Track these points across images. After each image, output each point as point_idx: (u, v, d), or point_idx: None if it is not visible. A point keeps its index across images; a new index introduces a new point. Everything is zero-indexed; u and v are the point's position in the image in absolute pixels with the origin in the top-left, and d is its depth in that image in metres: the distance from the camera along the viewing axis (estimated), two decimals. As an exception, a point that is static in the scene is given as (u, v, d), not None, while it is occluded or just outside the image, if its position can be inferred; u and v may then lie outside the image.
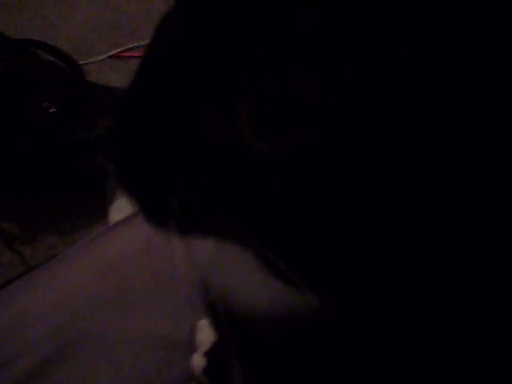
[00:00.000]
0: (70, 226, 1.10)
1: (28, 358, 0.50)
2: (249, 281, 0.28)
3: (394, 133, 0.23)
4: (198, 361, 0.52)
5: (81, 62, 1.31)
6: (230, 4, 0.23)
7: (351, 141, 0.23)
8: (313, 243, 0.24)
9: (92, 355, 0.52)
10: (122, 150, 0.26)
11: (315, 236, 0.24)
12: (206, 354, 0.51)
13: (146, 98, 0.25)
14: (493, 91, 0.22)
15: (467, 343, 0.25)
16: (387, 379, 0.27)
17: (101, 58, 1.39)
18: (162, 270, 0.57)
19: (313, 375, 0.29)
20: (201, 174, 0.25)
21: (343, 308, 0.25)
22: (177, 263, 0.29)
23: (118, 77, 1.36)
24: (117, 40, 1.44)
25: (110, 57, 1.39)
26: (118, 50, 1.40)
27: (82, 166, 1.10)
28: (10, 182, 1.06)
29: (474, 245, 0.24)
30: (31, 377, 0.50)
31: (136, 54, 1.41)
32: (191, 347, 0.53)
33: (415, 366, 0.26)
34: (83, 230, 1.10)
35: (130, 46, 1.42)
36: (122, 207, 1.13)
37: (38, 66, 1.17)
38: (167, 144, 0.25)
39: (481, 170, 0.23)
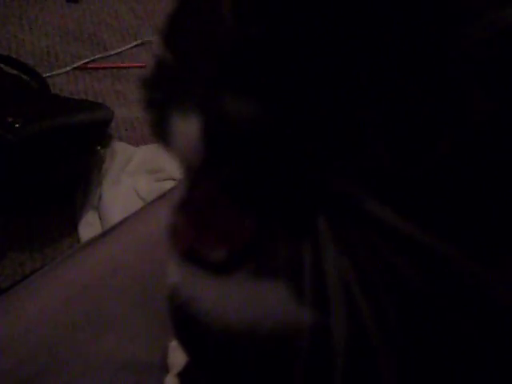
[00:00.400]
0: (39, 242, 1.09)
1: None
2: (223, 290, 0.27)
3: None
4: (171, 382, 0.52)
5: (45, 75, 1.29)
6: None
7: None
8: None
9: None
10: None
11: None
12: (179, 375, 0.51)
13: None
14: None
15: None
16: None
17: (65, 70, 1.37)
18: (133, 291, 0.56)
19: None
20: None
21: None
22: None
23: (84, 88, 1.35)
24: (80, 51, 1.42)
25: (74, 69, 1.38)
26: (82, 62, 1.39)
27: (49, 182, 1.09)
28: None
29: None
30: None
31: (100, 65, 1.40)
32: (164, 369, 0.53)
33: None
34: (53, 245, 1.09)
35: (95, 57, 1.41)
36: (91, 222, 1.13)
37: (1, 80, 1.16)
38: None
39: None
